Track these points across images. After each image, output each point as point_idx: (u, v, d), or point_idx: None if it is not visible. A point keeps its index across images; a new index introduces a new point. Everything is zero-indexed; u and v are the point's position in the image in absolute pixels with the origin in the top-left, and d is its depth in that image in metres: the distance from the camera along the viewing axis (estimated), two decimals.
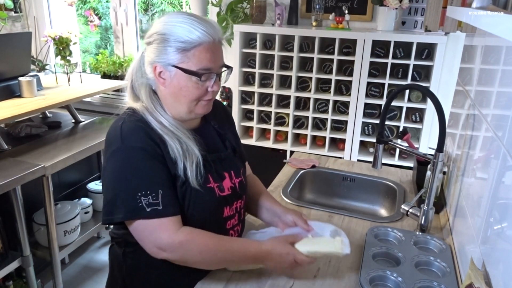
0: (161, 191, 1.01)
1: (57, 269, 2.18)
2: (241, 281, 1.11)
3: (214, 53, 1.04)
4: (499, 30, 0.72)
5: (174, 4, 3.38)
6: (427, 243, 1.25)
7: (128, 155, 1.02)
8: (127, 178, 1.01)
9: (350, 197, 1.77)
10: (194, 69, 1.03)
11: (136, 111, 1.08)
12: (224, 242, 1.06)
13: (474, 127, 1.20)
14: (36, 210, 2.29)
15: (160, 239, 1.00)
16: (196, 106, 1.08)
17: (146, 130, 1.04)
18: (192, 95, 1.06)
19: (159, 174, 1.02)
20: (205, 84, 1.06)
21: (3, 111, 2.04)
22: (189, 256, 1.02)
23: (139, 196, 0.99)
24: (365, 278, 1.05)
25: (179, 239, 1.00)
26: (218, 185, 1.12)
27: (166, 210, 1.01)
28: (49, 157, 2.05)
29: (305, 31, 2.37)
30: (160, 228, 1.00)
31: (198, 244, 1.02)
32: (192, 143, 1.08)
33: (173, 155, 1.04)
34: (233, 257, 1.06)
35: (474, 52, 1.43)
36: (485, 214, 0.94)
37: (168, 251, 1.01)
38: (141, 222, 1.01)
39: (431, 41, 2.19)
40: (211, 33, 1.02)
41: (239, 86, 2.60)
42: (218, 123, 1.24)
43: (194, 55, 1.02)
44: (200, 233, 1.04)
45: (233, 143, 1.24)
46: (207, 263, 1.06)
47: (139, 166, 1.01)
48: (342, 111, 2.48)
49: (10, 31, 3.24)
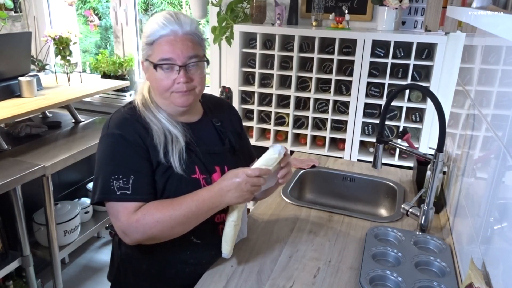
0: (132, 177, 1.05)
1: (57, 269, 2.18)
2: (241, 281, 1.11)
3: (174, 45, 1.07)
4: (499, 30, 0.72)
5: (174, 4, 3.39)
6: (427, 243, 1.25)
7: (109, 141, 1.09)
8: (105, 162, 1.08)
9: (350, 197, 1.77)
10: (155, 61, 1.08)
11: (133, 104, 1.16)
12: (177, 201, 1.06)
13: (474, 127, 1.20)
14: (36, 210, 2.29)
15: (121, 221, 1.04)
16: (172, 98, 1.12)
17: (131, 120, 1.11)
18: (161, 87, 1.10)
19: (134, 161, 1.07)
20: (171, 76, 1.09)
21: (3, 111, 2.04)
22: (149, 229, 1.04)
23: (112, 180, 1.05)
24: (365, 278, 1.05)
25: (135, 218, 1.04)
26: (205, 177, 1.14)
27: (134, 195, 1.05)
28: (49, 157, 2.05)
29: (305, 31, 2.37)
30: (123, 210, 1.05)
31: (152, 214, 1.04)
32: (177, 132, 1.13)
33: (156, 141, 1.09)
34: (192, 211, 1.05)
35: (474, 52, 1.43)
36: (485, 214, 0.94)
37: (129, 232, 1.05)
38: (111, 204, 1.06)
39: (431, 41, 2.19)
40: (172, 26, 1.07)
41: (239, 86, 2.60)
42: (221, 121, 1.26)
43: (155, 47, 1.08)
44: (153, 204, 1.06)
45: (233, 142, 1.25)
46: (171, 227, 1.05)
47: (117, 151, 1.08)
48: (342, 111, 2.48)
49: (10, 31, 3.24)
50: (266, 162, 1.09)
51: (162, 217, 1.04)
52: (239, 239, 1.26)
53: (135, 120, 1.11)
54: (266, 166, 1.08)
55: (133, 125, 1.10)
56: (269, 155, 1.10)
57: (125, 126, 1.10)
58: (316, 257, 1.21)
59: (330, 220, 1.42)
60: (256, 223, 1.38)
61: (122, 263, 1.22)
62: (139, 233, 1.05)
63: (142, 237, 1.06)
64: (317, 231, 1.35)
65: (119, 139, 1.08)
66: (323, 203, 1.75)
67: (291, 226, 1.37)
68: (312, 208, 1.49)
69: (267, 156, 1.10)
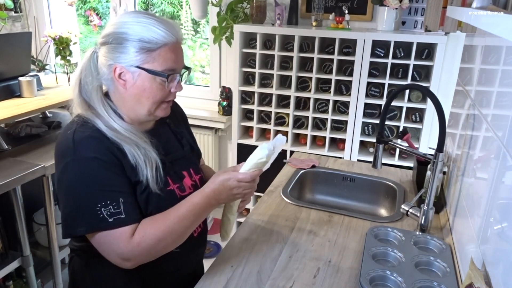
0: (121, 199, 0.98)
1: (57, 269, 2.18)
2: (241, 281, 1.11)
3: (178, 54, 1.03)
4: (499, 30, 0.72)
5: (174, 4, 3.38)
6: (427, 243, 1.24)
7: (83, 166, 0.98)
8: (84, 190, 0.97)
9: (350, 197, 1.77)
10: (160, 70, 1.00)
11: (87, 119, 1.03)
12: (172, 214, 1.02)
13: (474, 127, 1.20)
14: (36, 210, 2.29)
15: (120, 249, 0.97)
16: (157, 109, 1.06)
17: (100, 139, 1.00)
18: (156, 97, 1.03)
19: (117, 182, 0.99)
20: (169, 85, 1.04)
21: (3, 111, 2.04)
22: (152, 249, 1.00)
23: (99, 207, 0.96)
24: (365, 278, 1.05)
25: (136, 241, 0.97)
26: (178, 186, 1.12)
27: (129, 217, 0.98)
28: (49, 157, 2.05)
29: (305, 31, 2.37)
30: (120, 238, 0.97)
31: (152, 234, 0.98)
32: (149, 147, 1.05)
33: (134, 162, 1.01)
34: (190, 219, 1.03)
35: (474, 52, 1.43)
36: (485, 214, 0.94)
37: (132, 257, 0.98)
38: (103, 233, 0.97)
39: (431, 41, 2.19)
40: (174, 33, 1.02)
41: (239, 86, 2.60)
42: (174, 122, 1.23)
43: (160, 55, 1.00)
44: (148, 223, 1.00)
45: (190, 141, 1.24)
46: (173, 241, 1.03)
47: (96, 176, 0.97)
48: (342, 111, 2.48)
49: (10, 31, 3.23)
50: (256, 165, 1.07)
51: (163, 235, 1.00)
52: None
53: (102, 139, 1.00)
54: (256, 168, 1.07)
55: (103, 143, 1.00)
56: (257, 158, 1.06)
57: (96, 147, 0.99)
58: (316, 257, 1.21)
59: (330, 220, 1.42)
60: (256, 223, 1.38)
61: (94, 286, 1.13)
62: (143, 256, 1.00)
63: (146, 258, 1.01)
64: (317, 231, 1.35)
65: (95, 162, 0.97)
66: (323, 203, 1.75)
67: (291, 226, 1.37)
68: (312, 208, 1.49)
69: (256, 158, 1.07)
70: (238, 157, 2.71)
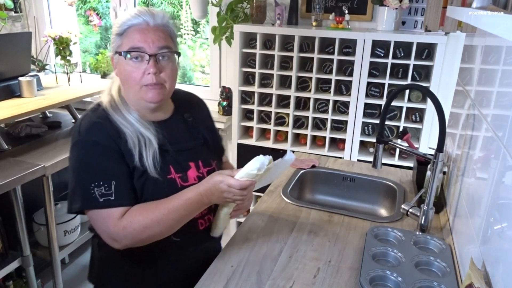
0: (114, 182, 1.04)
1: (57, 269, 2.18)
2: (241, 281, 1.11)
3: (145, 34, 1.06)
4: (499, 30, 0.72)
5: (174, 4, 3.38)
6: (427, 243, 1.25)
7: (83, 148, 1.06)
8: (82, 169, 1.06)
9: (350, 197, 1.77)
10: (125, 49, 1.07)
11: (101, 106, 1.12)
12: (163, 205, 1.06)
13: (474, 127, 1.20)
14: (36, 210, 2.29)
15: (108, 229, 1.04)
16: (142, 92, 1.09)
17: (103, 125, 1.08)
18: (130, 79, 1.08)
19: (113, 166, 1.05)
20: (141, 67, 1.07)
21: (3, 111, 2.04)
22: (138, 235, 1.04)
23: (93, 187, 1.03)
24: (365, 278, 1.05)
25: (122, 225, 1.03)
26: (180, 176, 1.13)
27: (118, 201, 1.04)
28: (49, 157, 2.05)
29: (305, 31, 2.37)
30: (108, 217, 1.03)
31: (139, 221, 1.03)
32: (149, 133, 1.10)
33: (130, 146, 1.07)
34: (180, 213, 1.06)
35: (474, 52, 1.43)
36: (485, 214, 0.94)
37: (118, 239, 1.04)
38: (94, 212, 1.05)
39: (431, 41, 2.19)
40: (145, 16, 1.07)
41: (239, 86, 2.60)
42: (193, 117, 1.25)
43: (126, 36, 1.07)
44: (138, 210, 1.05)
45: (205, 136, 1.25)
46: (160, 231, 1.06)
47: (93, 158, 1.05)
48: (342, 111, 2.48)
49: (10, 31, 3.23)
50: (247, 175, 1.06)
51: (150, 223, 1.03)
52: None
53: (107, 124, 1.08)
54: (248, 178, 1.06)
55: (106, 129, 1.07)
56: (249, 168, 1.06)
57: (98, 132, 1.06)
58: (316, 257, 1.21)
59: (330, 220, 1.42)
60: (256, 223, 1.38)
61: (103, 265, 1.21)
62: (128, 239, 1.05)
63: (132, 243, 1.06)
64: (317, 231, 1.35)
65: (94, 145, 1.05)
66: (323, 203, 1.75)
67: (291, 226, 1.37)
68: (312, 208, 1.49)
69: (248, 168, 1.06)
70: (238, 157, 2.71)
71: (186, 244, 1.18)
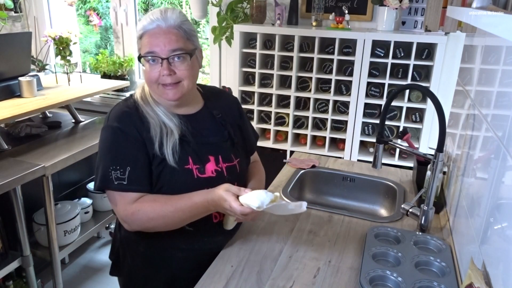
0: (129, 168, 1.11)
1: (57, 269, 2.18)
2: (241, 281, 1.11)
3: (158, 38, 1.11)
4: (499, 30, 0.72)
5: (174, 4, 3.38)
6: (427, 243, 1.25)
7: (108, 133, 1.15)
8: (104, 152, 1.14)
9: (350, 197, 1.77)
10: (142, 54, 1.14)
11: (132, 97, 1.21)
12: (172, 202, 1.11)
13: (474, 127, 1.20)
14: (36, 210, 2.29)
15: (118, 210, 1.13)
16: (160, 91, 1.15)
17: (130, 113, 1.15)
18: (148, 79, 1.14)
19: (131, 153, 1.12)
20: (156, 68, 1.12)
21: (3, 111, 2.04)
22: (142, 224, 1.12)
23: (111, 170, 1.11)
24: (365, 278, 1.05)
25: (131, 211, 1.10)
26: (198, 167, 1.17)
27: (130, 186, 1.11)
28: (49, 157, 2.05)
29: (305, 31, 2.37)
30: (120, 200, 1.12)
31: (146, 212, 1.10)
32: (172, 124, 1.17)
33: (152, 134, 1.14)
34: (185, 213, 1.11)
35: (474, 52, 1.43)
36: (485, 214, 0.94)
37: (127, 223, 1.13)
38: (110, 192, 1.14)
39: (431, 41, 2.19)
40: (157, 20, 1.12)
41: (239, 86, 2.60)
42: (222, 113, 1.29)
43: (142, 41, 1.14)
44: (148, 200, 1.12)
45: (231, 133, 1.27)
46: (164, 225, 1.13)
47: (115, 143, 1.13)
48: (342, 111, 2.48)
49: (10, 31, 3.24)
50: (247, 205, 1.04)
51: (155, 216, 1.10)
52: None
53: (133, 114, 1.16)
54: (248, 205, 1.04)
55: (131, 118, 1.15)
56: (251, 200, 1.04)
57: (123, 119, 1.14)
58: (316, 257, 1.21)
59: (330, 220, 1.42)
60: (256, 223, 1.38)
61: (121, 245, 1.29)
62: (135, 225, 1.13)
63: (138, 228, 1.14)
64: (317, 231, 1.35)
65: (117, 131, 1.13)
66: (323, 203, 1.75)
67: (291, 226, 1.37)
68: (312, 208, 1.49)
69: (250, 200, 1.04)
70: None
71: (199, 235, 1.21)
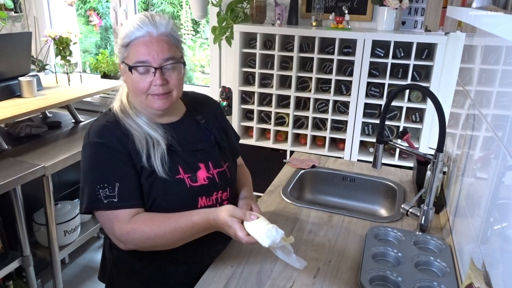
0: (117, 184, 1.05)
1: (57, 269, 2.18)
2: (241, 281, 1.11)
3: (149, 46, 1.05)
4: (499, 30, 0.72)
5: (174, 4, 3.38)
6: (427, 243, 1.25)
7: (91, 150, 1.09)
8: (89, 171, 1.08)
9: (350, 197, 1.77)
10: (131, 63, 1.07)
11: (112, 110, 1.15)
12: (170, 222, 1.05)
13: (474, 127, 1.20)
14: (36, 210, 2.29)
15: (113, 230, 1.05)
16: (149, 101, 1.10)
17: (111, 128, 1.10)
18: (137, 89, 1.09)
19: (118, 168, 1.07)
20: (147, 78, 1.07)
21: (3, 111, 2.04)
22: (141, 244, 1.06)
23: (98, 189, 1.05)
24: (365, 278, 1.05)
25: (127, 230, 1.04)
26: (189, 176, 1.13)
27: (122, 202, 1.05)
28: (49, 157, 2.05)
29: (305, 31, 2.37)
30: (114, 219, 1.05)
31: (143, 231, 1.04)
32: (157, 135, 1.12)
33: (138, 147, 1.09)
34: (184, 234, 1.05)
35: (474, 52, 1.43)
36: (485, 214, 0.94)
37: (123, 242, 1.06)
38: (100, 213, 1.07)
39: (431, 41, 2.19)
40: (147, 27, 1.06)
41: (239, 86, 2.60)
42: (206, 119, 1.26)
43: (131, 49, 1.07)
44: (145, 219, 1.05)
45: (217, 137, 1.25)
46: (162, 245, 1.07)
47: (99, 160, 1.08)
48: (342, 111, 2.48)
49: (10, 31, 3.24)
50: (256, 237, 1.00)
51: (153, 236, 1.04)
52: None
53: (115, 127, 1.10)
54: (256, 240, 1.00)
55: (114, 132, 1.09)
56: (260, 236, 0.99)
57: (105, 134, 1.09)
58: (316, 257, 1.21)
59: (330, 220, 1.42)
60: None
61: (114, 265, 1.22)
62: (132, 244, 1.06)
63: (134, 248, 1.08)
64: (317, 231, 1.35)
65: (101, 147, 1.08)
66: (323, 203, 1.75)
67: (291, 226, 1.37)
68: (312, 208, 1.49)
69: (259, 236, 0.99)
70: None
71: (197, 246, 1.16)
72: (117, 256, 1.20)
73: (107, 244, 1.24)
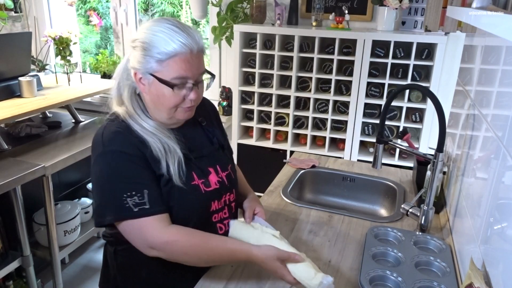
0: (146, 191, 1.03)
1: (57, 269, 2.18)
2: (241, 281, 1.11)
3: (190, 63, 1.03)
4: (499, 30, 0.72)
5: (174, 4, 3.38)
6: (427, 243, 1.25)
7: (110, 159, 1.05)
8: (112, 181, 1.04)
9: (350, 197, 1.77)
10: (168, 79, 1.03)
11: (118, 116, 1.11)
12: (211, 244, 1.05)
13: (474, 127, 1.20)
14: (36, 210, 2.29)
15: (147, 237, 1.02)
16: (176, 113, 1.09)
17: (125, 134, 1.07)
18: (169, 103, 1.07)
19: (142, 174, 1.05)
20: (181, 93, 1.06)
21: (3, 111, 2.04)
22: (175, 256, 1.05)
23: (125, 198, 1.01)
24: (365, 278, 1.05)
25: (165, 239, 1.02)
26: (203, 181, 1.14)
27: (153, 208, 1.03)
28: (49, 157, 2.05)
29: (305, 31, 2.37)
30: (148, 226, 1.02)
31: (182, 246, 1.03)
32: (173, 142, 1.10)
33: (156, 155, 1.06)
34: (221, 258, 1.07)
35: (474, 52, 1.43)
36: (485, 214, 0.94)
37: (157, 249, 1.03)
38: (129, 222, 1.03)
39: (431, 41, 2.19)
40: (189, 43, 1.02)
41: (239, 86, 2.60)
42: (206, 121, 1.26)
43: (169, 64, 1.02)
44: (185, 234, 1.05)
45: (221, 140, 1.26)
46: (195, 262, 1.07)
47: (122, 168, 1.04)
48: (342, 111, 2.48)
49: (10, 31, 3.23)
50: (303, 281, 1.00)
51: (191, 253, 1.04)
52: None
53: (128, 134, 1.07)
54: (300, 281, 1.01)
55: (128, 138, 1.07)
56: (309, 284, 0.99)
57: (122, 141, 1.06)
58: (316, 257, 1.21)
59: (330, 220, 1.42)
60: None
61: (119, 272, 1.20)
62: (166, 254, 1.05)
63: (166, 258, 1.06)
64: (317, 231, 1.35)
65: (121, 155, 1.04)
66: (323, 203, 1.75)
67: (291, 226, 1.37)
68: (312, 208, 1.49)
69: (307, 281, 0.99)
70: (238, 157, 2.71)
71: None
72: (122, 263, 1.18)
73: (110, 252, 1.21)
